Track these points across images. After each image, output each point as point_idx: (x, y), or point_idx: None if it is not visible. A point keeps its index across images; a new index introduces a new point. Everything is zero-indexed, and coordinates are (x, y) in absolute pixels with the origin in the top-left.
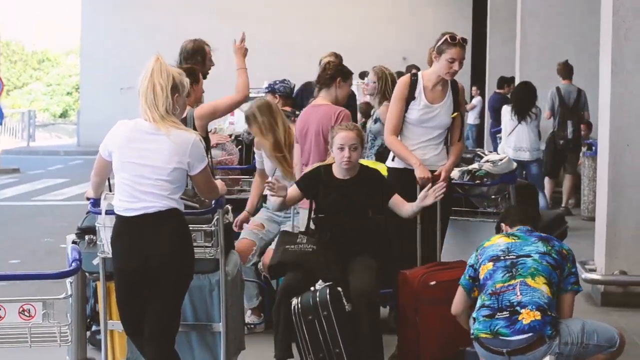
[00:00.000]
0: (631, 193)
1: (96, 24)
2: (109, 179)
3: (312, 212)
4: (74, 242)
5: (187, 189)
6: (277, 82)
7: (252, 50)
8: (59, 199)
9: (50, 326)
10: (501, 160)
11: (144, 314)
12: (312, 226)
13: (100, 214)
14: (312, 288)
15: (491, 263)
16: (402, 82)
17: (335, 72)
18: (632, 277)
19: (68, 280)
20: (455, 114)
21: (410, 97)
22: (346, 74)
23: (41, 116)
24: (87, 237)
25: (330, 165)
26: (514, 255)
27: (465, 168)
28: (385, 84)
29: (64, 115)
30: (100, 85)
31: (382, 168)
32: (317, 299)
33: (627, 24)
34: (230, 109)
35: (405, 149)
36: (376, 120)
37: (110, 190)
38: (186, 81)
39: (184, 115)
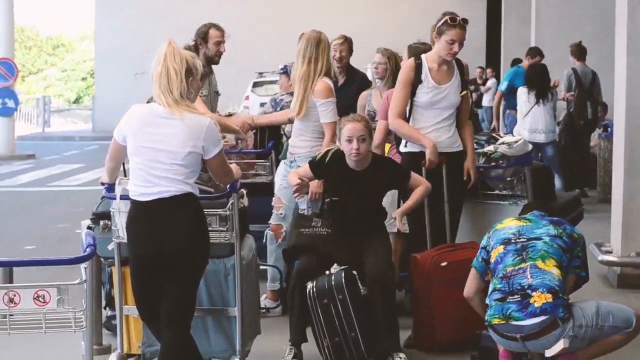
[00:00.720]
0: None
1: (110, 9)
2: (123, 164)
3: (326, 196)
4: (88, 228)
5: (202, 173)
6: (292, 63)
7: (260, 35)
8: (74, 185)
9: (65, 312)
10: (517, 142)
11: (159, 299)
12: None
13: (114, 199)
14: (327, 272)
15: (502, 246)
16: (407, 66)
17: None
18: None
19: (82, 265)
20: (464, 92)
21: (417, 80)
22: None
23: (56, 102)
24: (102, 223)
25: (343, 155)
26: (524, 239)
27: (480, 150)
28: (394, 64)
29: (77, 100)
30: (114, 70)
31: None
32: (333, 282)
33: None
34: None
35: (415, 130)
36: None
37: (125, 175)
38: (199, 64)
39: None
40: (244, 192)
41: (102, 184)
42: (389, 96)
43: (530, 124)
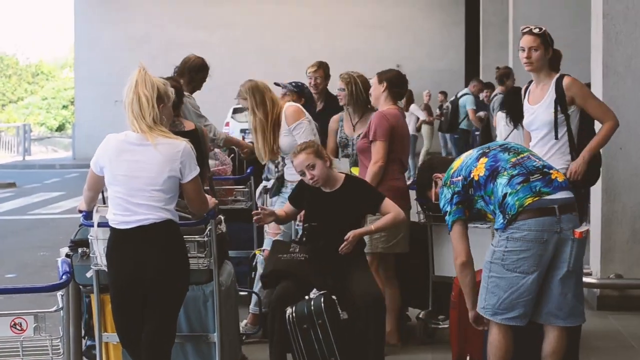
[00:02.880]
0: (625, 196)
1: (88, 37)
2: (103, 192)
3: (304, 221)
4: (67, 255)
5: (180, 200)
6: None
7: (239, 59)
8: (55, 213)
9: (42, 339)
10: None
11: (139, 325)
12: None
13: (92, 226)
14: (306, 297)
15: (484, 158)
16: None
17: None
18: (628, 281)
19: (59, 293)
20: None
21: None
22: None
23: (37, 130)
24: (80, 250)
25: None
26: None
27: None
28: (354, 87)
29: (60, 128)
30: (94, 98)
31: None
32: (312, 307)
33: (618, 28)
34: None
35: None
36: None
37: (105, 203)
38: (171, 91)
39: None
40: (222, 218)
41: (80, 211)
42: (386, 114)
43: None
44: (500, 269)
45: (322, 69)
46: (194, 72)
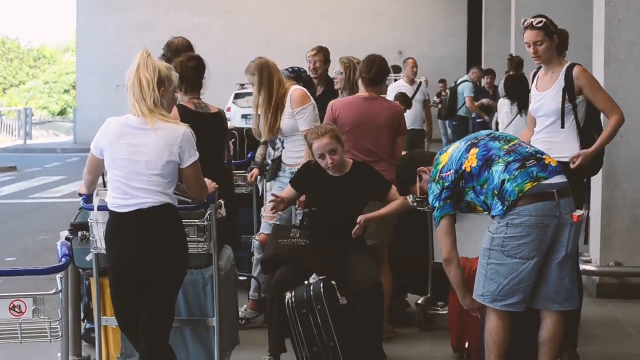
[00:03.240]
0: (625, 184)
1: (91, 22)
2: (103, 176)
3: (305, 206)
4: (66, 239)
5: (179, 183)
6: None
7: (242, 47)
8: (55, 197)
9: (41, 322)
10: None
11: (138, 309)
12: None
13: (92, 209)
14: (305, 282)
15: (474, 149)
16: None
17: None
18: (627, 268)
19: (58, 275)
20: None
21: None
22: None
23: (38, 114)
24: (79, 233)
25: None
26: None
27: None
28: (352, 73)
29: (62, 112)
30: (96, 82)
31: None
32: (311, 292)
33: (620, 15)
34: None
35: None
36: None
37: (105, 187)
38: (174, 75)
39: None
40: (222, 202)
41: (80, 195)
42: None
43: (513, 134)
44: (500, 256)
45: (322, 53)
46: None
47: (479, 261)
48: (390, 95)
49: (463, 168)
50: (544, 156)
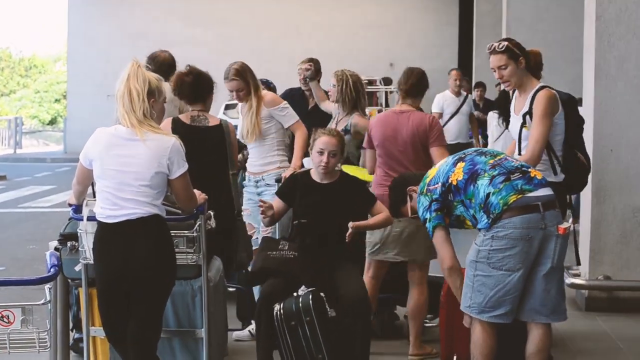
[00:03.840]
0: (615, 198)
1: (82, 31)
2: (93, 186)
3: (294, 219)
4: (56, 249)
5: (169, 195)
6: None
7: (234, 57)
8: (45, 206)
9: (29, 332)
10: None
11: (126, 320)
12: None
13: (82, 219)
14: (294, 294)
15: (461, 163)
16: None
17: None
18: (616, 282)
19: (47, 286)
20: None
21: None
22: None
23: (29, 123)
24: (69, 244)
25: (308, 172)
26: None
27: None
28: (344, 85)
29: (52, 122)
30: (87, 92)
31: (363, 174)
32: (300, 304)
33: (610, 30)
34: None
35: None
36: (347, 131)
37: (94, 197)
38: (164, 87)
39: None
40: (212, 213)
41: (70, 205)
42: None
43: (502, 148)
44: (486, 268)
45: (313, 64)
46: (164, 68)
47: (466, 273)
48: (436, 106)
49: (450, 181)
50: (529, 169)
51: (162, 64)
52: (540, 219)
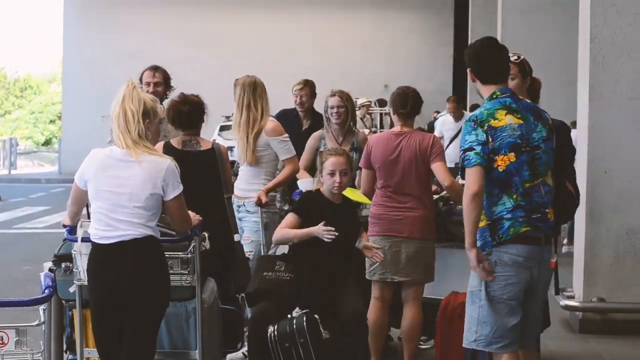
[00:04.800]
0: (609, 220)
1: (77, 52)
2: (87, 207)
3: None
4: (50, 270)
5: (163, 216)
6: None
7: (229, 77)
8: (40, 227)
9: (23, 353)
10: None
11: (119, 341)
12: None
13: (76, 241)
14: (289, 315)
15: (513, 154)
16: None
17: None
18: (611, 304)
19: (41, 307)
20: None
21: None
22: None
23: (23, 144)
24: (63, 265)
25: (318, 191)
26: (529, 147)
27: (437, 195)
28: (352, 107)
29: (47, 143)
30: (82, 113)
31: (357, 195)
32: (294, 326)
33: (604, 52)
34: None
35: None
36: (355, 149)
37: (89, 218)
38: (160, 108)
39: None
40: (206, 235)
41: (64, 226)
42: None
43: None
44: (490, 296)
45: (309, 87)
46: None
47: (468, 305)
48: (438, 130)
49: (497, 158)
50: (547, 210)
51: None
52: (539, 252)
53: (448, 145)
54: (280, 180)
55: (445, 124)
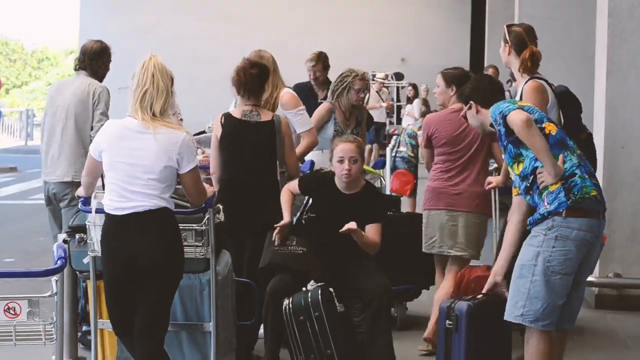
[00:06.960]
0: (626, 195)
1: (94, 25)
2: (102, 178)
3: (305, 211)
4: (64, 241)
5: (178, 187)
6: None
7: (242, 53)
8: None
9: (36, 324)
10: None
11: (133, 313)
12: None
13: (90, 212)
14: (303, 288)
15: (552, 124)
16: None
17: None
18: (627, 280)
19: (53, 278)
20: None
21: None
22: None
23: (40, 115)
24: (77, 236)
25: (333, 176)
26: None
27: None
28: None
29: None
30: None
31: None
32: (309, 299)
33: (623, 25)
34: None
35: None
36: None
37: (104, 189)
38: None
39: None
40: (221, 207)
41: (79, 197)
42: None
43: None
44: (545, 272)
45: (321, 61)
46: (94, 61)
47: (515, 279)
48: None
49: (544, 126)
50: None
51: (93, 54)
52: (598, 226)
53: None
54: (298, 153)
55: None
